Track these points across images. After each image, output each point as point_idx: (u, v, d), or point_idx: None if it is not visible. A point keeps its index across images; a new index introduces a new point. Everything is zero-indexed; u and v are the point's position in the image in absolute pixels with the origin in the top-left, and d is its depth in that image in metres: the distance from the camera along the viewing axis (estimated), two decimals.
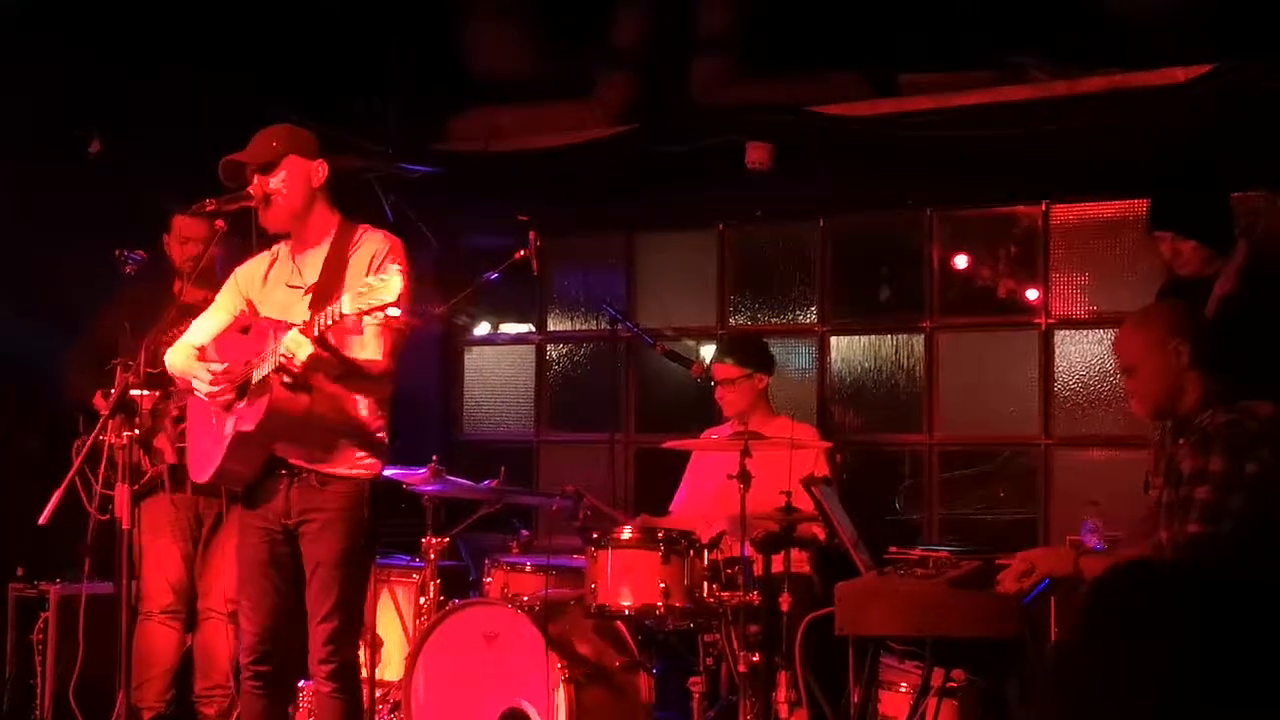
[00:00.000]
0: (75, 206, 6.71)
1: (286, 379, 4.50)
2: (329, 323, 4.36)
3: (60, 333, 6.29)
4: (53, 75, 6.64)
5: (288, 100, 6.95)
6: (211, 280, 5.23)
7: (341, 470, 4.71)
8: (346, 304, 4.27)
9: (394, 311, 4.27)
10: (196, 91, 6.85)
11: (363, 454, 4.76)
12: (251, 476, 4.76)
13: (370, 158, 7.64)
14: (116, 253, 5.99)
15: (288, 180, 4.73)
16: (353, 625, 4.82)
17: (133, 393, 4.74)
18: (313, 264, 4.78)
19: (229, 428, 4.66)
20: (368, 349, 4.63)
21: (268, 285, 4.85)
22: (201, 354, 4.78)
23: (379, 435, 4.82)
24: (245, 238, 4.86)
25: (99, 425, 4.60)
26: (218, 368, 4.67)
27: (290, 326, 4.47)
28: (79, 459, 4.67)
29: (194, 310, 5.19)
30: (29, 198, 6.65)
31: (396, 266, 4.28)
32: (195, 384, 4.69)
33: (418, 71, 7.66)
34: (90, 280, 6.22)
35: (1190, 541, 4.00)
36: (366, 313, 4.26)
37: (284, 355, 4.40)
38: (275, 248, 4.91)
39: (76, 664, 5.84)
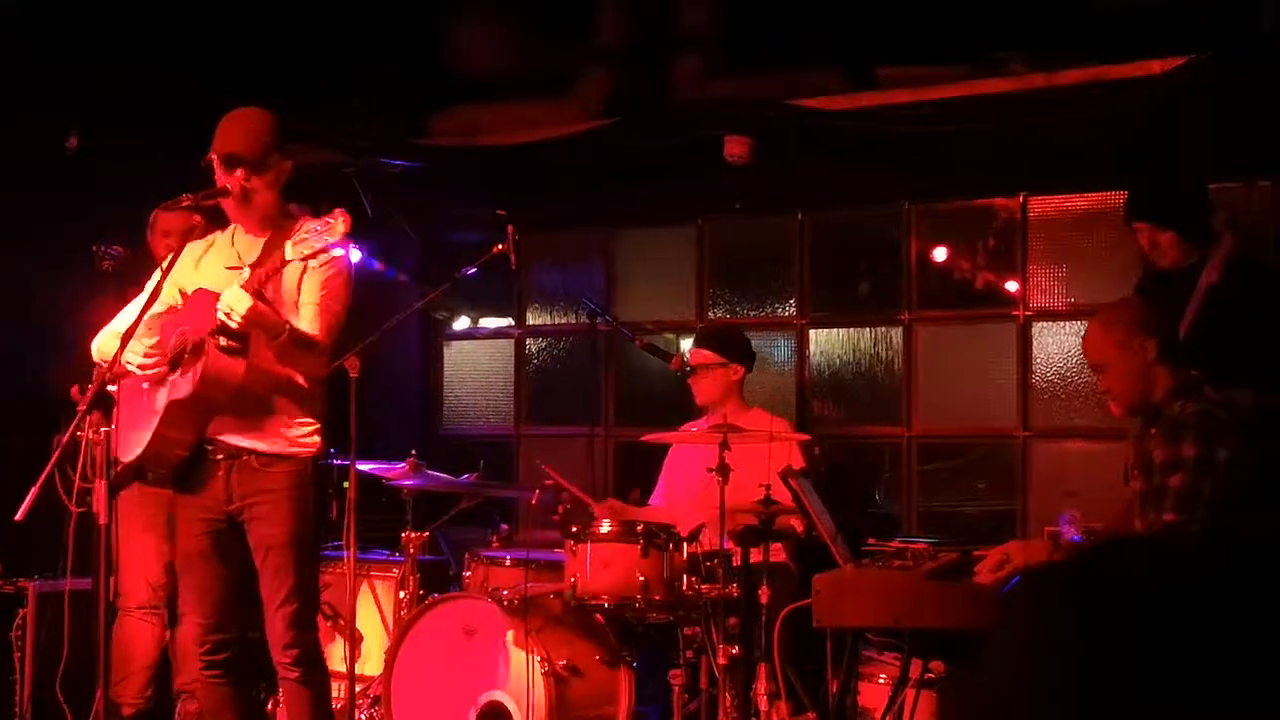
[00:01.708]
0: (59, 205, 6.70)
1: (224, 341, 4.47)
2: (270, 272, 4.37)
3: (44, 330, 6.28)
4: (32, 72, 6.64)
5: (270, 95, 6.96)
6: None
7: (281, 449, 4.68)
8: (289, 250, 4.28)
9: (338, 252, 4.26)
10: (177, 86, 6.84)
11: (301, 432, 4.73)
12: (180, 457, 4.70)
13: (350, 153, 7.63)
14: (94, 248, 5.97)
15: (270, 180, 4.73)
16: (312, 607, 4.81)
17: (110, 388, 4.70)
18: (253, 247, 4.74)
19: (161, 400, 4.61)
20: (303, 324, 4.60)
21: (200, 270, 4.79)
22: (121, 343, 4.59)
23: (316, 414, 4.79)
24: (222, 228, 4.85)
25: (75, 420, 4.56)
26: (149, 343, 4.62)
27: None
28: (55, 454, 4.63)
29: None
30: (11, 196, 6.65)
31: (340, 212, 4.26)
32: (127, 358, 4.59)
33: (399, 69, 7.66)
34: (75, 278, 6.19)
35: (1166, 530, 4.02)
36: (310, 255, 4.26)
37: (225, 311, 4.35)
38: (210, 236, 4.87)
39: (61, 660, 5.82)
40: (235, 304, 4.35)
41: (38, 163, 6.80)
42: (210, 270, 4.79)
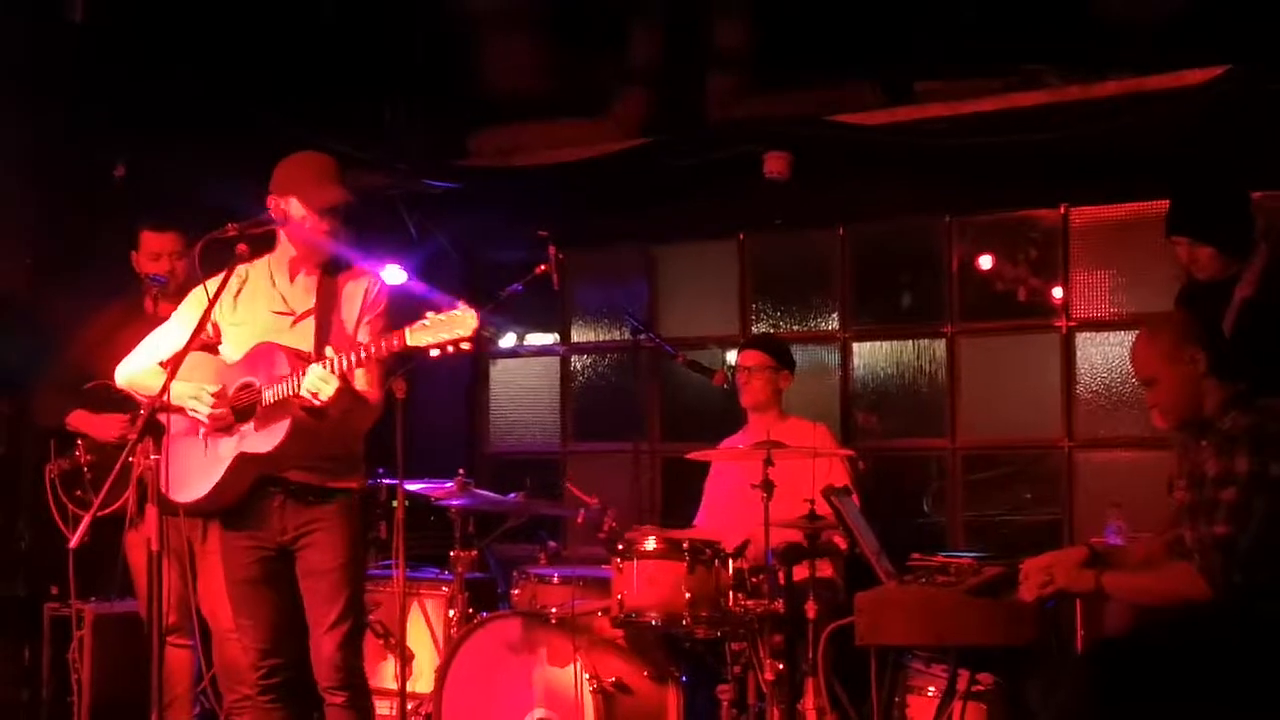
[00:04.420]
0: (81, 227, 6.79)
1: (309, 406, 4.55)
2: (364, 356, 4.46)
3: (47, 353, 6.34)
4: (65, 90, 6.75)
5: (312, 119, 7.04)
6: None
7: (336, 483, 4.78)
8: (410, 336, 4.35)
9: (466, 346, 4.34)
10: (215, 111, 6.93)
11: (353, 468, 4.86)
12: (239, 497, 4.78)
13: (395, 175, 7.70)
14: (143, 276, 6.02)
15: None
16: (360, 630, 4.88)
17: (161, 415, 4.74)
18: (299, 292, 4.84)
19: (228, 449, 4.69)
20: (358, 383, 4.70)
21: (239, 308, 4.85)
22: (169, 373, 4.62)
23: (363, 446, 4.95)
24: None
25: (129, 448, 4.61)
26: (212, 390, 4.68)
27: (301, 356, 4.58)
28: (109, 482, 4.65)
29: None
30: (34, 218, 6.77)
31: (474, 312, 4.33)
32: (192, 405, 4.67)
33: (437, 90, 7.72)
34: (83, 304, 6.25)
35: (1217, 543, 4.02)
36: (439, 345, 4.33)
37: (310, 391, 4.46)
38: (241, 269, 4.85)
39: (85, 686, 5.94)
40: (322, 389, 4.45)
41: (72, 185, 6.90)
42: (253, 312, 4.84)
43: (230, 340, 4.87)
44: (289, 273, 4.87)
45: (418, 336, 4.36)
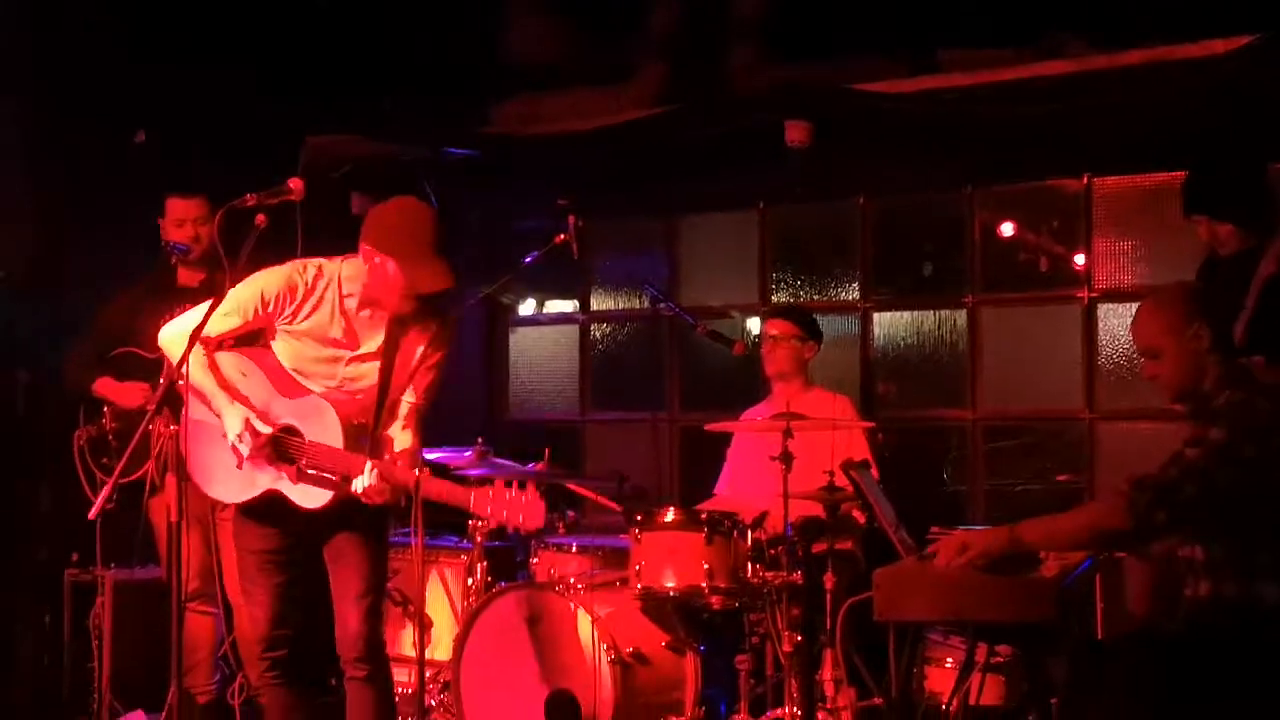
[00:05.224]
0: (111, 201, 6.80)
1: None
2: (421, 490, 4.51)
3: (72, 321, 6.37)
4: (96, 68, 6.76)
5: (327, 98, 7.05)
6: (215, 263, 5.13)
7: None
8: (473, 502, 4.45)
9: (523, 534, 4.48)
10: (237, 82, 6.93)
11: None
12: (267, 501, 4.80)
13: (415, 143, 7.69)
14: (164, 243, 6.04)
15: None
16: (383, 602, 4.94)
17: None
18: (365, 326, 4.75)
19: (263, 480, 4.69)
20: (400, 440, 4.81)
21: (299, 319, 4.74)
22: (211, 355, 4.66)
23: None
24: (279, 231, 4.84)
25: (148, 418, 4.63)
26: (261, 427, 4.63)
27: (359, 433, 4.64)
28: (129, 450, 4.71)
29: (193, 293, 5.23)
30: (61, 188, 6.78)
31: (535, 492, 4.41)
32: (233, 441, 4.62)
33: (460, 61, 7.70)
34: (113, 272, 6.27)
35: (1156, 481, 3.98)
36: (500, 522, 4.42)
37: (361, 490, 4.52)
38: (310, 269, 4.74)
39: (105, 652, 5.98)
40: (375, 495, 4.54)
41: (98, 160, 6.92)
42: (311, 329, 4.74)
43: (281, 343, 4.79)
44: (359, 302, 4.74)
45: (482, 505, 4.43)
